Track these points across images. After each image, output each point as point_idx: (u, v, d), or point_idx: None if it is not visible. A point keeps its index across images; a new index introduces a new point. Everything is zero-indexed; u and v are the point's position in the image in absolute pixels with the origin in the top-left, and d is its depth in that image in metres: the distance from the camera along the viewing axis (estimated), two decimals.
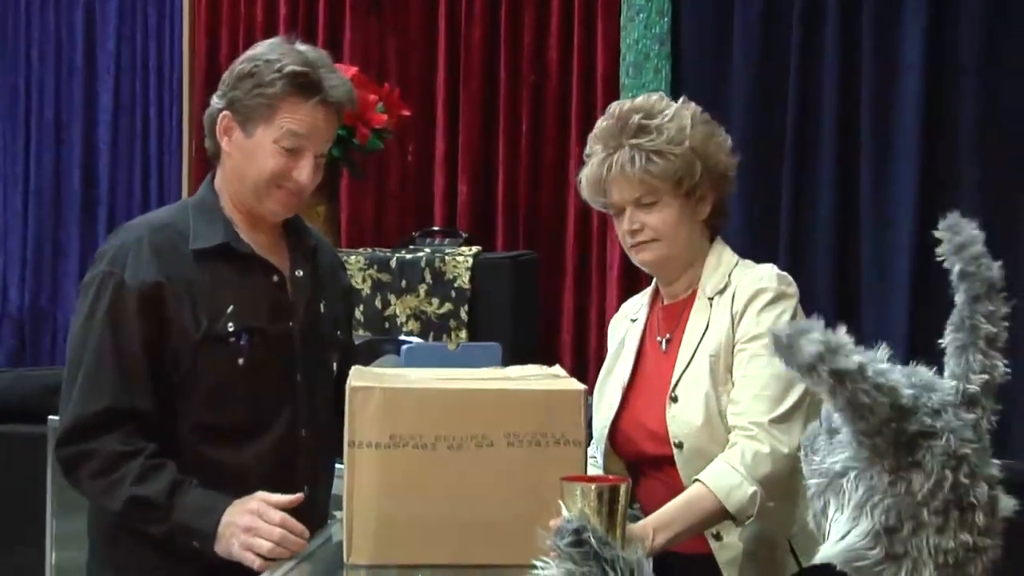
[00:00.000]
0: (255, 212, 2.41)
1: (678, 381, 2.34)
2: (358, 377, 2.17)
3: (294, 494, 2.25)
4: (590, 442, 2.38)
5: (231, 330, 2.33)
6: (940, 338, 1.52)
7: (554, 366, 2.37)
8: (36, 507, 3.77)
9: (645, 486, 2.39)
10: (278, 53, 2.36)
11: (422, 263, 4.08)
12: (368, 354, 3.23)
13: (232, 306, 2.34)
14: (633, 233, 2.38)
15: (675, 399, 2.33)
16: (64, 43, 5.38)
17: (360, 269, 4.09)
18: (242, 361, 2.33)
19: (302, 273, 2.45)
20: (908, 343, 3.87)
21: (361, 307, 4.05)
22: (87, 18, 5.34)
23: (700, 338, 2.35)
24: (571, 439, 2.09)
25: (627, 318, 2.54)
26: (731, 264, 2.41)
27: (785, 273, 2.37)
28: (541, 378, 2.26)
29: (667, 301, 2.47)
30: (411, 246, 4.26)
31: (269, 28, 4.80)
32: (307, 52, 2.39)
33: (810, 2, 4.14)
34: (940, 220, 1.52)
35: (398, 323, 4.06)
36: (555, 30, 4.56)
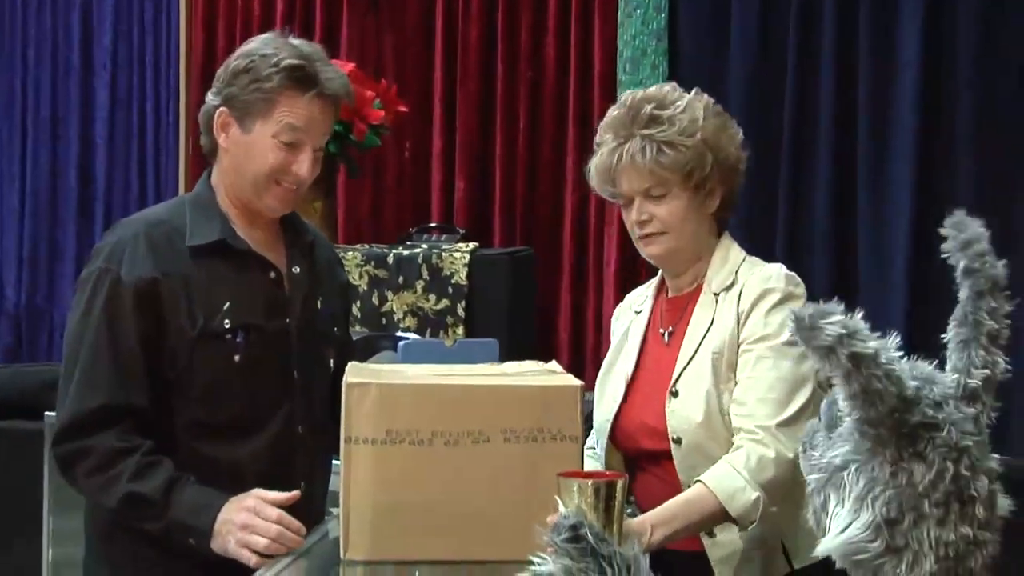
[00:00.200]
0: (252, 208, 2.41)
1: (679, 376, 2.33)
2: (354, 373, 2.17)
3: (291, 491, 2.25)
4: (587, 438, 2.38)
5: (227, 327, 2.32)
6: (937, 337, 1.52)
7: (551, 362, 2.36)
8: (33, 503, 3.77)
9: (642, 481, 2.38)
10: (273, 48, 2.36)
11: (419, 259, 4.08)
12: (365, 350, 3.23)
13: (228, 303, 2.33)
14: (641, 224, 2.36)
15: (675, 394, 2.32)
16: (60, 39, 5.36)
17: (357, 265, 4.09)
18: (238, 358, 2.33)
19: (299, 270, 2.45)
20: (905, 342, 3.86)
21: (358, 303, 4.04)
22: (83, 14, 5.32)
23: (704, 334, 2.33)
24: (568, 435, 2.09)
25: (631, 309, 2.53)
26: (738, 260, 2.40)
27: (793, 274, 2.36)
28: (538, 374, 2.26)
29: (672, 294, 2.46)
30: (408, 242, 4.26)
31: (266, 24, 4.79)
32: (302, 46, 2.39)
33: None
34: (945, 218, 1.52)
35: (395, 319, 4.06)
36: (552, 26, 4.56)
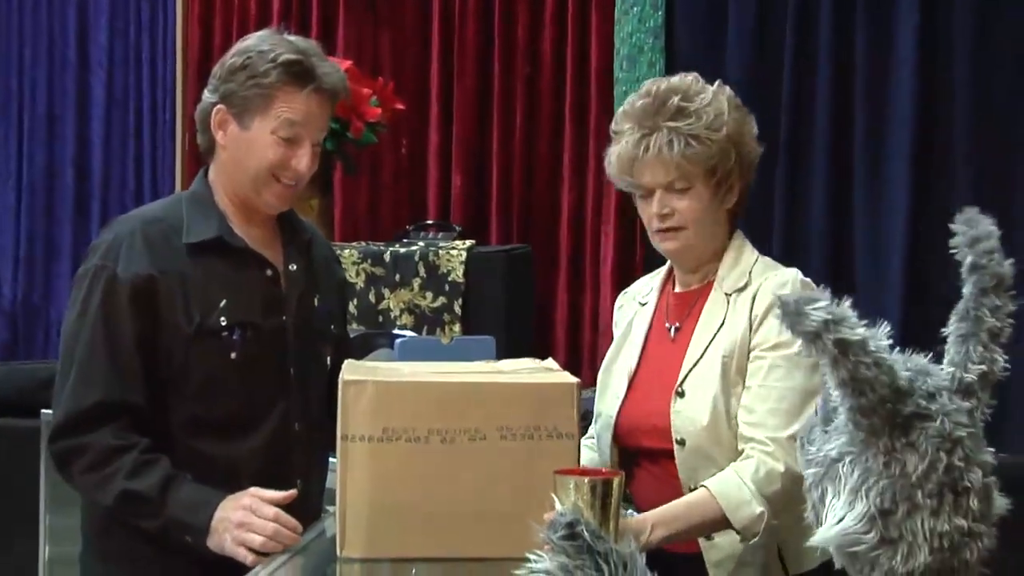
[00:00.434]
0: (250, 205, 2.41)
1: (686, 376, 2.30)
2: (351, 371, 2.17)
3: (287, 488, 2.25)
4: (584, 434, 2.38)
5: (224, 324, 2.32)
6: (934, 335, 1.52)
7: (547, 359, 2.36)
8: (30, 501, 3.77)
9: (640, 478, 2.37)
10: (270, 44, 2.37)
11: (416, 257, 4.07)
12: (362, 348, 3.23)
13: (225, 300, 2.33)
14: (662, 218, 2.32)
15: (681, 394, 2.29)
16: (56, 37, 5.35)
17: (354, 263, 4.09)
18: (235, 355, 2.33)
19: (296, 267, 2.45)
20: (901, 342, 3.85)
21: (355, 301, 4.04)
22: (79, 12, 5.31)
23: (714, 334, 2.31)
24: (564, 432, 2.09)
25: (636, 300, 2.50)
26: (751, 261, 2.37)
27: (809, 280, 2.33)
28: (534, 371, 2.25)
29: (680, 288, 2.43)
30: (405, 240, 4.26)
31: (262, 21, 4.78)
32: (297, 42, 2.40)
33: None
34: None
35: (392, 317, 4.06)
36: (549, 23, 4.55)
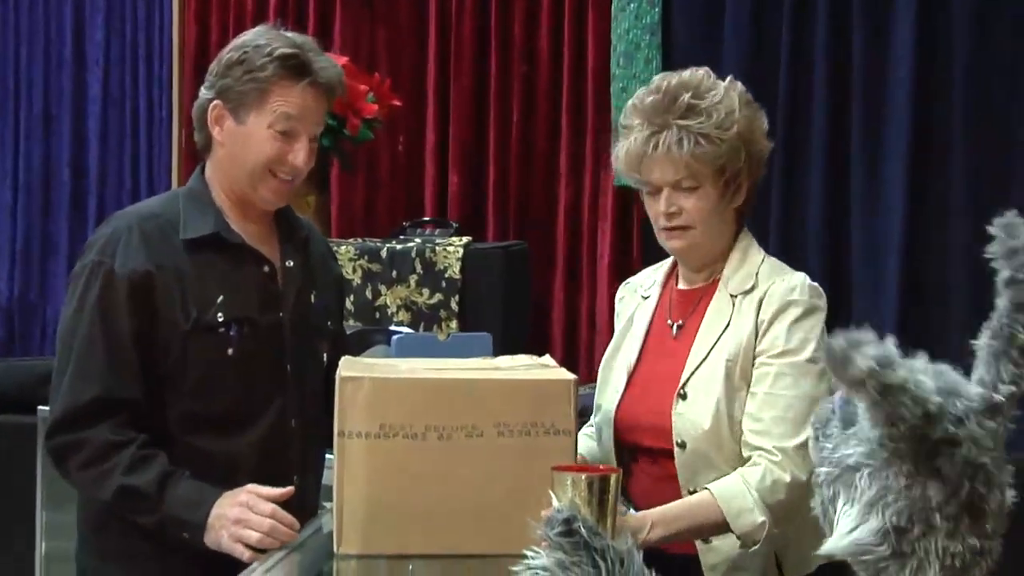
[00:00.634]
0: (247, 201, 2.41)
1: (689, 378, 2.29)
2: (348, 367, 2.17)
3: (284, 484, 2.25)
4: (581, 428, 2.37)
5: (221, 320, 2.33)
6: (930, 336, 1.50)
7: (544, 356, 2.37)
8: (26, 498, 3.77)
9: (639, 476, 2.36)
10: (266, 38, 2.37)
11: (413, 253, 4.07)
12: (358, 344, 3.23)
13: (222, 296, 2.34)
14: (669, 216, 2.30)
15: (684, 396, 2.28)
16: (53, 35, 5.35)
17: (350, 259, 4.09)
18: (232, 351, 2.33)
19: (293, 264, 2.45)
20: (898, 342, 3.85)
21: (352, 297, 4.04)
22: (76, 9, 5.30)
23: (718, 336, 2.29)
24: (561, 429, 2.09)
25: (638, 293, 2.48)
26: (757, 262, 2.34)
27: (816, 284, 2.31)
28: (531, 368, 2.25)
29: (684, 285, 2.41)
30: (402, 236, 4.25)
31: (259, 18, 4.77)
32: (294, 37, 2.41)
33: None
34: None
35: (388, 313, 4.06)
36: (545, 20, 4.55)
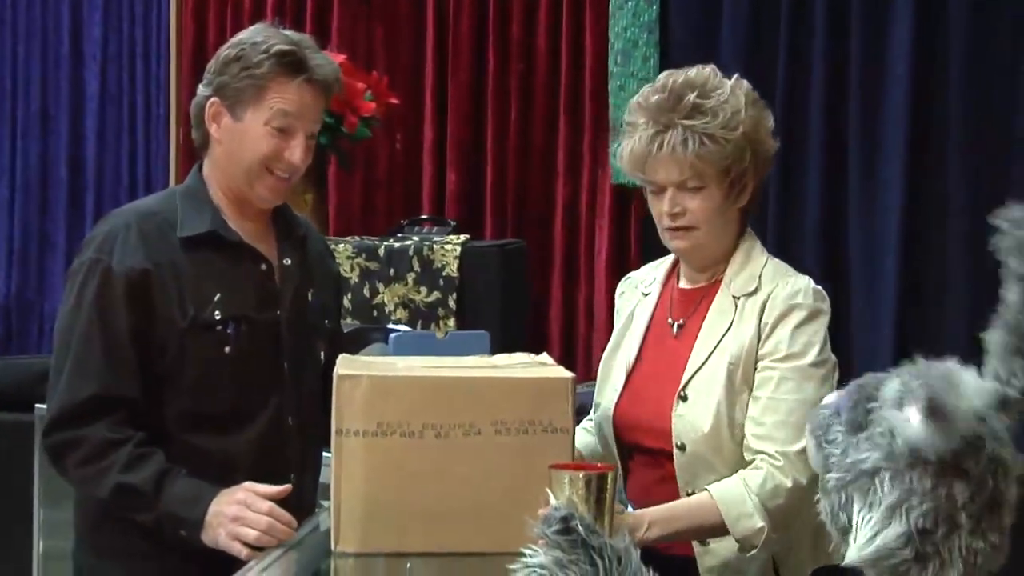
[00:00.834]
0: (244, 198, 2.41)
1: (690, 380, 2.27)
2: (346, 365, 2.17)
3: (281, 482, 2.25)
4: (579, 424, 2.37)
5: (218, 318, 2.32)
6: (928, 335, 1.50)
7: (542, 354, 2.36)
8: (24, 496, 3.77)
9: (637, 476, 2.36)
10: (263, 36, 2.37)
11: (410, 251, 4.07)
12: (356, 342, 3.23)
13: (219, 294, 2.33)
14: (673, 216, 2.29)
15: (684, 398, 2.27)
16: (50, 32, 5.34)
17: (348, 257, 4.09)
18: (229, 349, 2.33)
19: (290, 262, 2.45)
20: (896, 342, 3.85)
21: (349, 295, 4.04)
22: (73, 7, 5.30)
23: (720, 338, 2.27)
24: (559, 427, 2.09)
25: (639, 289, 2.46)
26: (760, 263, 2.33)
27: (820, 288, 2.30)
28: (529, 366, 2.26)
29: (685, 284, 2.40)
30: (399, 234, 4.25)
31: (256, 16, 4.75)
32: (291, 34, 2.41)
33: None
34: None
35: (386, 311, 4.06)
36: (543, 18, 4.54)
